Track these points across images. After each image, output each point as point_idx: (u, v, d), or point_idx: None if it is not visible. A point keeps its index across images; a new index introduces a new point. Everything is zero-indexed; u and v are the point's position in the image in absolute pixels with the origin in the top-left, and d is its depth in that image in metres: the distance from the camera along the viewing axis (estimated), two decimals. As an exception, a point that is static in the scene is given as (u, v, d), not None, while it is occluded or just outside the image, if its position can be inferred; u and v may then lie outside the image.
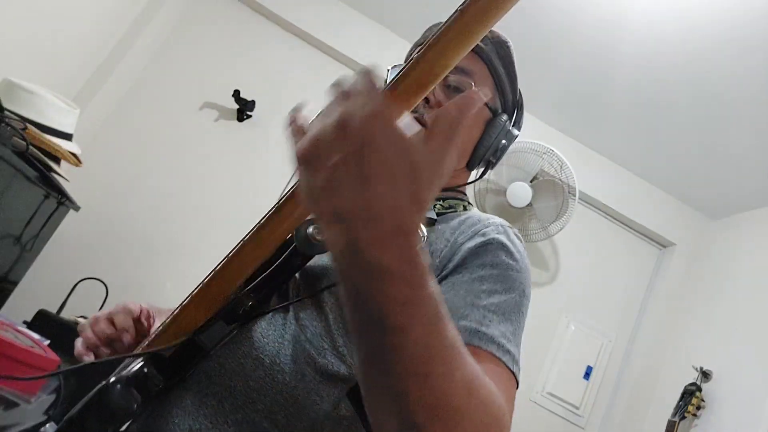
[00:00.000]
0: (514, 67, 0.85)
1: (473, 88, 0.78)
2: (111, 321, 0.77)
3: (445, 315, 0.40)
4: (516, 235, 0.72)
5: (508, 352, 0.57)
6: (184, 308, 0.56)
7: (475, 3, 0.41)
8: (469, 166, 0.86)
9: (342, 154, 0.34)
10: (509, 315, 0.61)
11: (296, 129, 0.40)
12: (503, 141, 0.84)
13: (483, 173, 0.92)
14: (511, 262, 0.66)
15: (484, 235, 0.68)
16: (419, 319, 0.37)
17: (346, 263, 0.37)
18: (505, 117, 0.85)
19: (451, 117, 0.38)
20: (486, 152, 0.83)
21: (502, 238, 0.68)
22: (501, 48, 0.83)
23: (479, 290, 0.61)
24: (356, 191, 0.34)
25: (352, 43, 2.51)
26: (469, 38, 0.42)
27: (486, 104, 0.83)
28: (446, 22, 0.43)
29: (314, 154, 0.36)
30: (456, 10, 0.42)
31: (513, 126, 0.87)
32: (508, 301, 0.62)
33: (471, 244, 0.67)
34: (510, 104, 0.87)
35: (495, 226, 0.70)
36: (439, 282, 0.64)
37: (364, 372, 0.41)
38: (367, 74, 0.36)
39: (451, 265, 0.65)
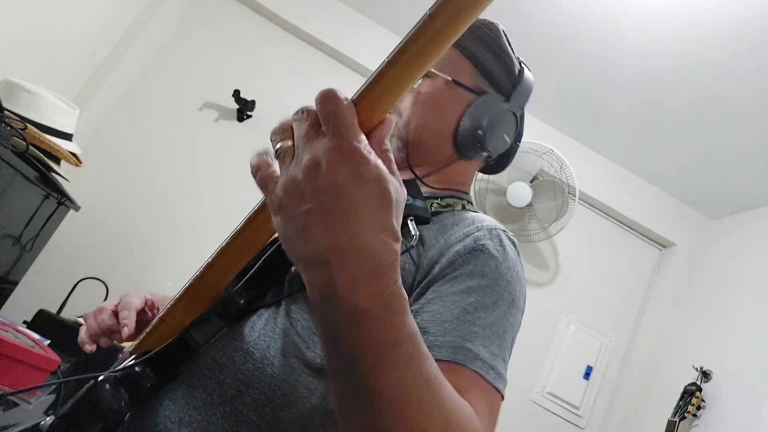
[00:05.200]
0: (501, 45, 0.83)
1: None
2: (114, 313, 0.79)
3: (423, 351, 0.40)
4: (510, 239, 0.70)
5: (492, 368, 0.57)
6: (172, 308, 0.56)
7: (446, 7, 0.37)
8: (461, 153, 0.81)
9: (313, 203, 0.35)
10: (496, 328, 0.60)
11: (266, 176, 0.40)
12: (493, 117, 0.79)
13: (490, 157, 0.86)
14: (500, 270, 0.64)
15: (475, 240, 0.66)
16: (397, 360, 0.38)
17: (323, 307, 0.38)
18: (493, 95, 0.82)
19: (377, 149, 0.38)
20: (473, 132, 0.79)
21: (494, 244, 0.66)
22: (479, 30, 0.82)
23: (466, 303, 0.60)
24: (330, 236, 0.35)
25: (352, 43, 2.51)
26: (442, 44, 0.39)
27: (463, 85, 0.81)
28: (414, 29, 0.39)
29: (287, 204, 0.37)
30: (425, 14, 0.39)
31: (512, 101, 0.83)
32: (497, 314, 0.61)
33: (460, 248, 0.65)
34: (503, 82, 0.83)
35: (487, 230, 0.68)
36: (425, 286, 0.63)
37: (341, 410, 0.42)
38: (327, 102, 0.36)
39: (437, 268, 0.64)
